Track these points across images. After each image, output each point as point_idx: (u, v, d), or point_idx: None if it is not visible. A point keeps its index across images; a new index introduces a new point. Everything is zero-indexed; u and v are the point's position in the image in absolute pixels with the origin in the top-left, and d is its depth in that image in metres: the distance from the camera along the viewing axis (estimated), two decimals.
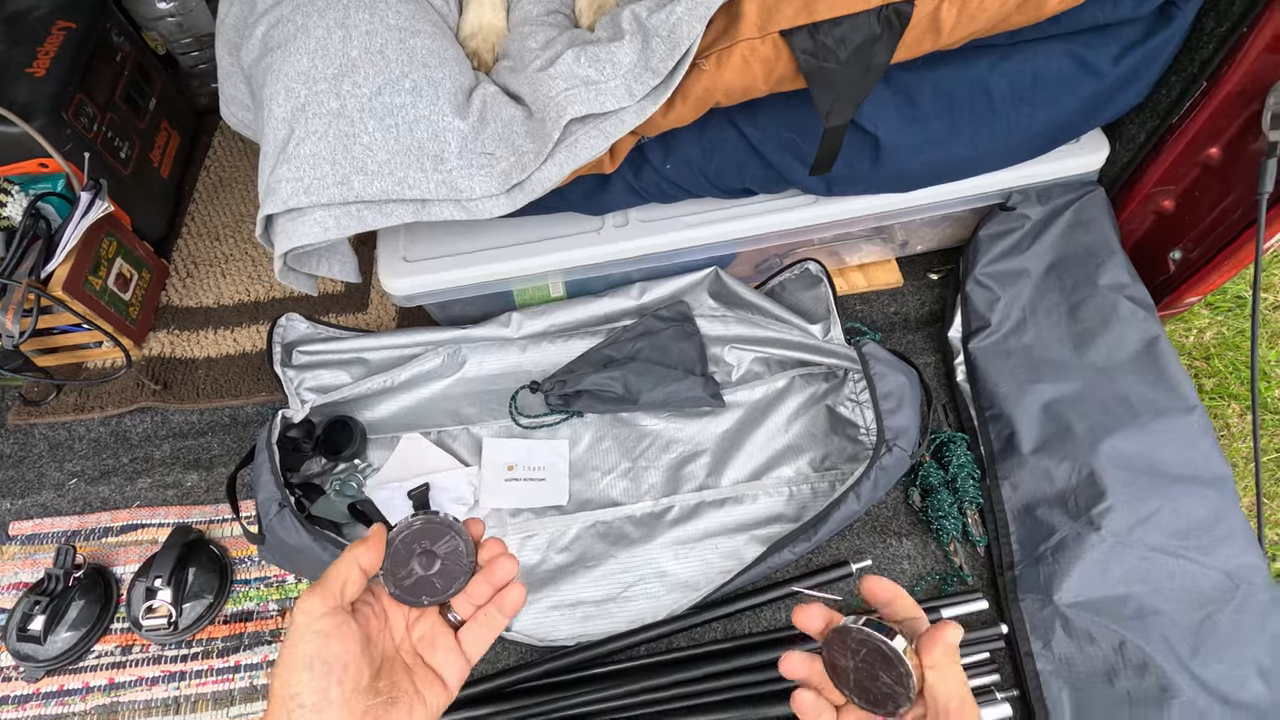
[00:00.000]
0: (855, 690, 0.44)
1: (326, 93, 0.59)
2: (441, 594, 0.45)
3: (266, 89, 0.60)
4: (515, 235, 0.81)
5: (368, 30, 0.59)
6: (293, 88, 0.59)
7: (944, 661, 0.42)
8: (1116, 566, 0.68)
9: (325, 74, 0.59)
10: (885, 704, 0.43)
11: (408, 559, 0.44)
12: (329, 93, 0.59)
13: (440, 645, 0.45)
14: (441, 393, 0.86)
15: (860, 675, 0.44)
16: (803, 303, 0.87)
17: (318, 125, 0.59)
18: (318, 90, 0.59)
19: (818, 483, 0.81)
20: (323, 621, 0.40)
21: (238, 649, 0.75)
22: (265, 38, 0.62)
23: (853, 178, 0.75)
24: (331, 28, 0.59)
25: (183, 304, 1.00)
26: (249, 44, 0.63)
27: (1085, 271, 0.82)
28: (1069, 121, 0.74)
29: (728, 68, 0.58)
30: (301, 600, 0.41)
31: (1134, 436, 0.73)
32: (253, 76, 0.63)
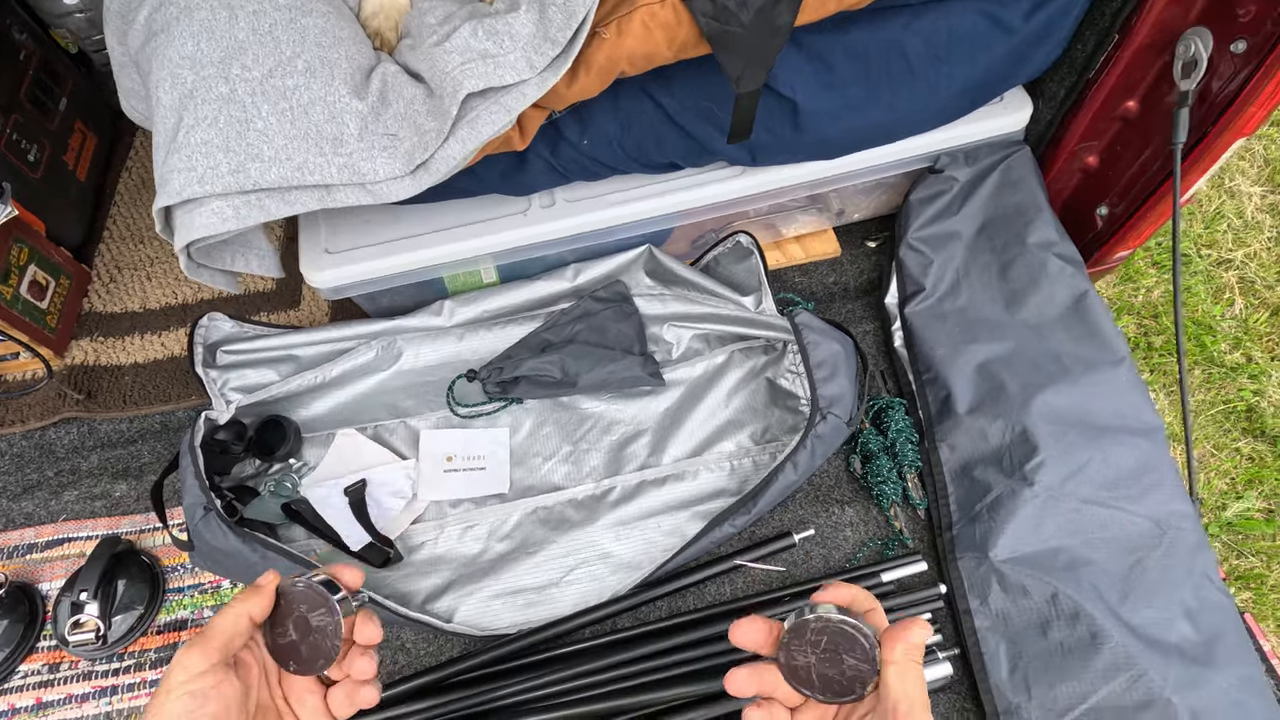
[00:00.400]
0: (820, 685, 0.41)
1: (215, 77, 0.57)
2: (301, 667, 0.43)
3: (153, 76, 0.58)
4: (440, 221, 0.79)
5: (255, 10, 0.57)
6: (179, 73, 0.57)
7: (904, 660, 0.40)
8: (1049, 520, 0.68)
9: (212, 57, 0.57)
10: (853, 687, 0.40)
11: (287, 618, 0.42)
12: (217, 77, 0.56)
13: (308, 703, 0.43)
14: (377, 386, 0.84)
15: (823, 666, 0.41)
16: (736, 276, 0.86)
17: (207, 111, 0.57)
18: (205, 75, 0.57)
19: (759, 455, 0.81)
20: (200, 681, 0.38)
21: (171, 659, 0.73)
22: (149, 22, 0.59)
23: (775, 145, 0.74)
24: (216, 8, 0.57)
25: (107, 310, 0.97)
26: (134, 29, 0.60)
27: (1014, 231, 0.82)
28: (986, 80, 0.74)
29: (629, 34, 0.56)
30: (181, 655, 0.39)
31: (1065, 391, 0.73)
32: (140, 64, 0.61)
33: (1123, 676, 0.60)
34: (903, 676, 0.39)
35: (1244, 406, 1.24)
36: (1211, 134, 0.67)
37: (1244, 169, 1.50)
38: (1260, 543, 1.14)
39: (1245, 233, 1.42)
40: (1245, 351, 1.30)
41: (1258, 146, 1.50)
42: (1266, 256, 1.39)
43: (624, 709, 0.66)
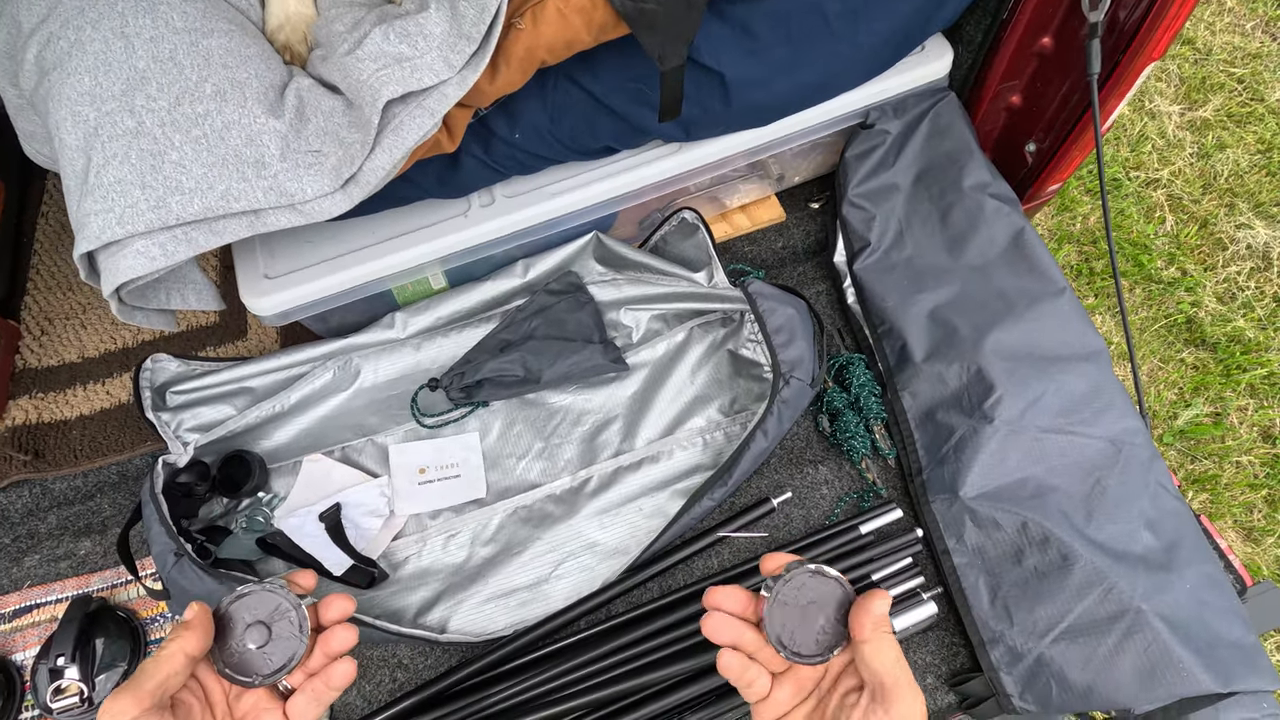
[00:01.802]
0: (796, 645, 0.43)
1: (119, 111, 0.54)
2: (275, 670, 0.41)
3: (52, 117, 0.55)
4: (380, 232, 0.77)
5: (151, 37, 0.55)
6: (79, 110, 0.54)
7: (875, 635, 0.41)
8: (1012, 453, 0.71)
9: (112, 90, 0.54)
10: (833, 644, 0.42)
11: (239, 633, 0.41)
12: (121, 110, 0.54)
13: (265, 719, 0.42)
14: (339, 408, 0.83)
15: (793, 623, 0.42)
16: (685, 252, 0.86)
17: (116, 148, 0.54)
18: (108, 110, 0.54)
19: (729, 427, 0.82)
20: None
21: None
22: (39, 60, 0.56)
23: (708, 119, 0.74)
24: (110, 39, 0.54)
25: (42, 364, 0.93)
26: (24, 70, 0.57)
27: (949, 177, 0.84)
28: (906, 29, 0.75)
29: (545, 23, 0.56)
30: (109, 703, 0.37)
31: (1013, 328, 0.76)
32: (36, 105, 0.58)
33: (1095, 592, 0.63)
34: (879, 651, 0.40)
35: (1183, 319, 1.29)
36: (1124, 62, 0.69)
37: (1161, 89, 1.55)
38: (1211, 445, 1.20)
39: (1169, 151, 1.47)
40: (1180, 266, 1.35)
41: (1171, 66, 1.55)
42: (1190, 172, 1.45)
43: (627, 693, 0.67)
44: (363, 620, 0.67)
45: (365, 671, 0.72)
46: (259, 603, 0.42)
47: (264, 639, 0.41)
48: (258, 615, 0.42)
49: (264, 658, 0.41)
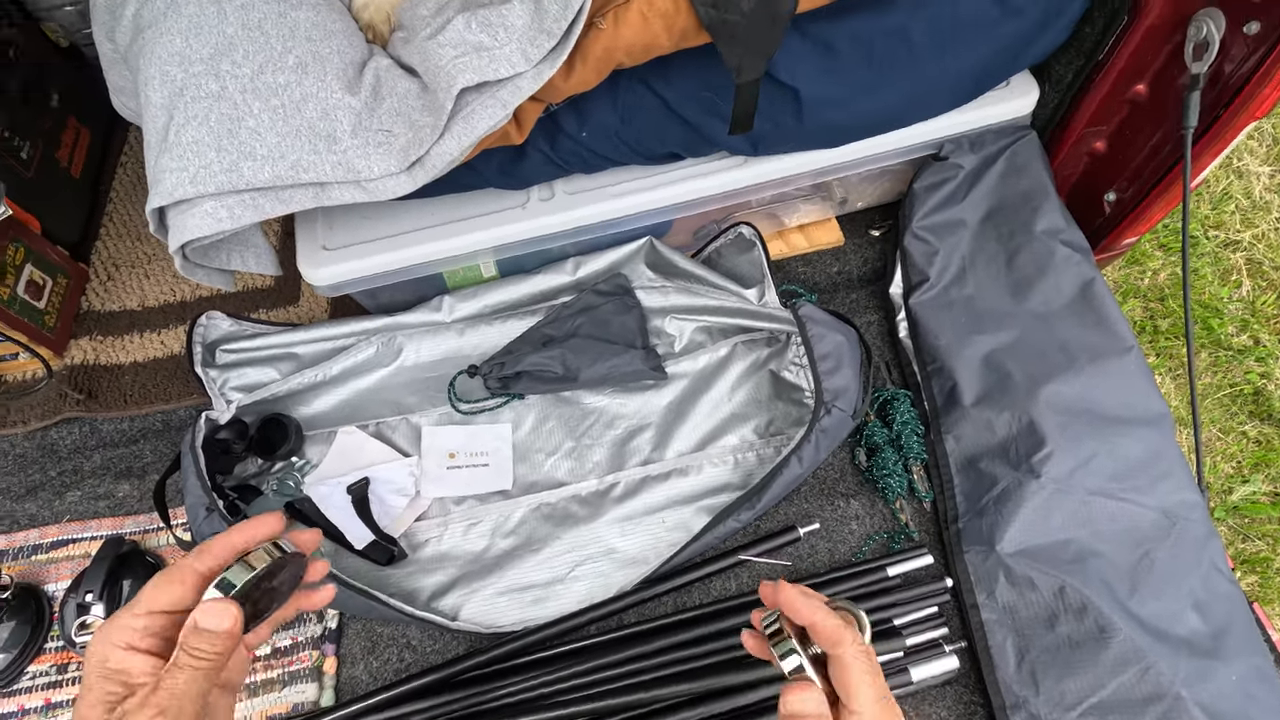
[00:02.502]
0: None
1: (204, 74, 0.55)
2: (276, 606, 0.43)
3: (142, 74, 0.57)
4: (438, 216, 0.78)
5: (243, 4, 0.56)
6: (168, 70, 0.56)
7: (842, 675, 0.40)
8: (1057, 512, 0.68)
9: (201, 54, 0.55)
10: None
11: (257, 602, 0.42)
12: (207, 74, 0.55)
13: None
14: (378, 383, 0.84)
15: None
16: (739, 268, 0.85)
17: (198, 110, 0.56)
18: (194, 72, 0.55)
19: (763, 449, 0.80)
20: None
21: None
22: (136, 17, 0.58)
23: (778, 135, 0.73)
24: (204, 3, 0.56)
25: (105, 308, 0.96)
26: (121, 26, 0.59)
27: (1021, 218, 0.81)
28: (993, 65, 0.72)
29: (626, 25, 0.55)
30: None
31: (1072, 381, 0.73)
32: (129, 60, 0.60)
33: (1131, 670, 0.60)
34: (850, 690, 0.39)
35: (1250, 389, 1.23)
36: (1224, 117, 0.66)
37: (1253, 148, 1.48)
38: (1266, 526, 1.13)
39: (1253, 213, 1.40)
40: (1252, 334, 1.29)
41: (1267, 125, 1.48)
42: (1275, 237, 1.38)
43: (631, 705, 0.66)
44: (376, 597, 0.68)
45: (374, 648, 0.73)
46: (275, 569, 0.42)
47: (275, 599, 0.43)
48: (271, 584, 0.42)
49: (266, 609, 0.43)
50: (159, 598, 0.38)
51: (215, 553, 0.41)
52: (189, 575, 0.39)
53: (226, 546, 0.42)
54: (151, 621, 0.38)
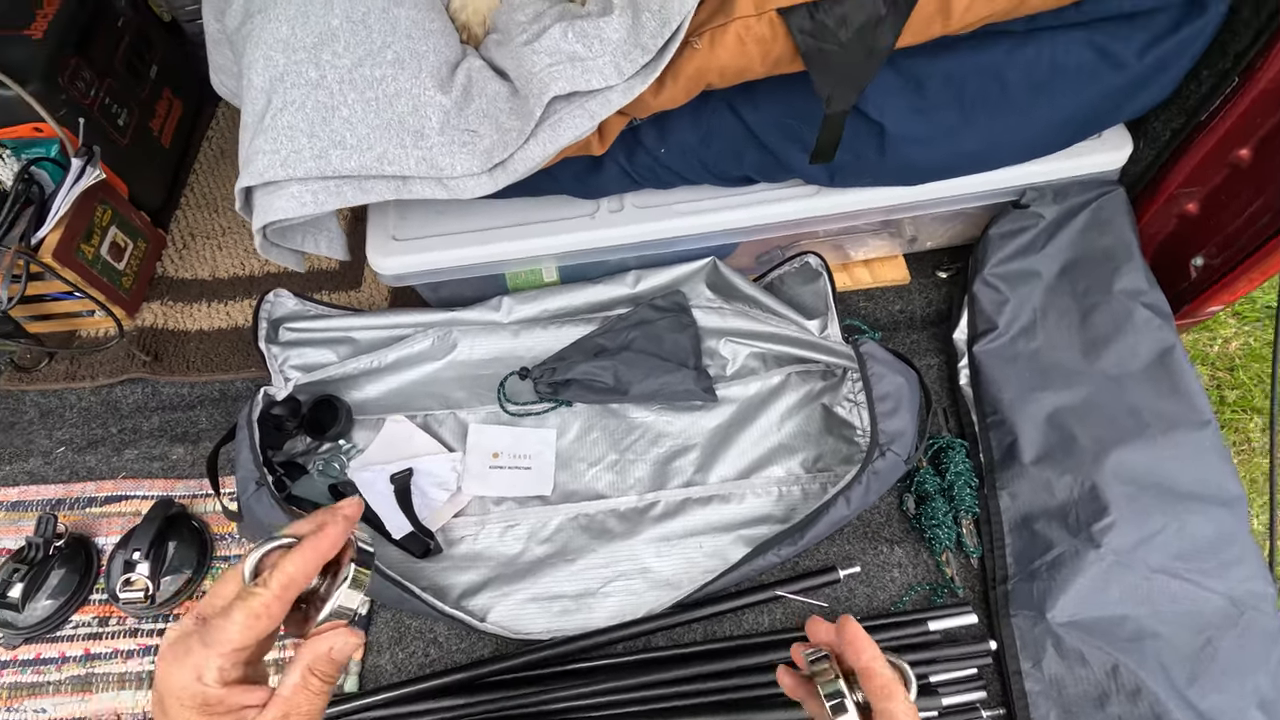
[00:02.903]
0: None
1: (306, 62, 0.57)
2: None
3: (246, 56, 0.59)
4: (507, 217, 0.79)
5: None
6: (271, 56, 0.57)
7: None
8: (1115, 586, 0.65)
9: (305, 42, 0.57)
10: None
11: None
12: (308, 62, 0.57)
13: None
14: (430, 375, 0.85)
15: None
16: (801, 297, 0.84)
17: (296, 95, 0.57)
18: (297, 59, 0.57)
19: (809, 484, 0.79)
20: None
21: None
22: (247, 2, 0.60)
23: (857, 168, 0.72)
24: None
25: (178, 275, 0.99)
26: (232, 8, 0.61)
27: (1100, 275, 0.78)
28: (1089, 116, 0.70)
29: (721, 47, 0.55)
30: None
31: (1142, 450, 0.69)
32: (235, 43, 0.62)
33: None
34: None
35: None
36: None
37: None
38: None
39: None
40: None
41: None
42: None
43: None
44: (409, 589, 0.68)
45: (401, 639, 0.73)
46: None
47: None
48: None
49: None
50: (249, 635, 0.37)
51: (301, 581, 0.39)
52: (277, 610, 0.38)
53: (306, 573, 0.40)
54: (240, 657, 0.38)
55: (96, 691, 0.71)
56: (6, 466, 0.85)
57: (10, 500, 0.83)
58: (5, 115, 0.83)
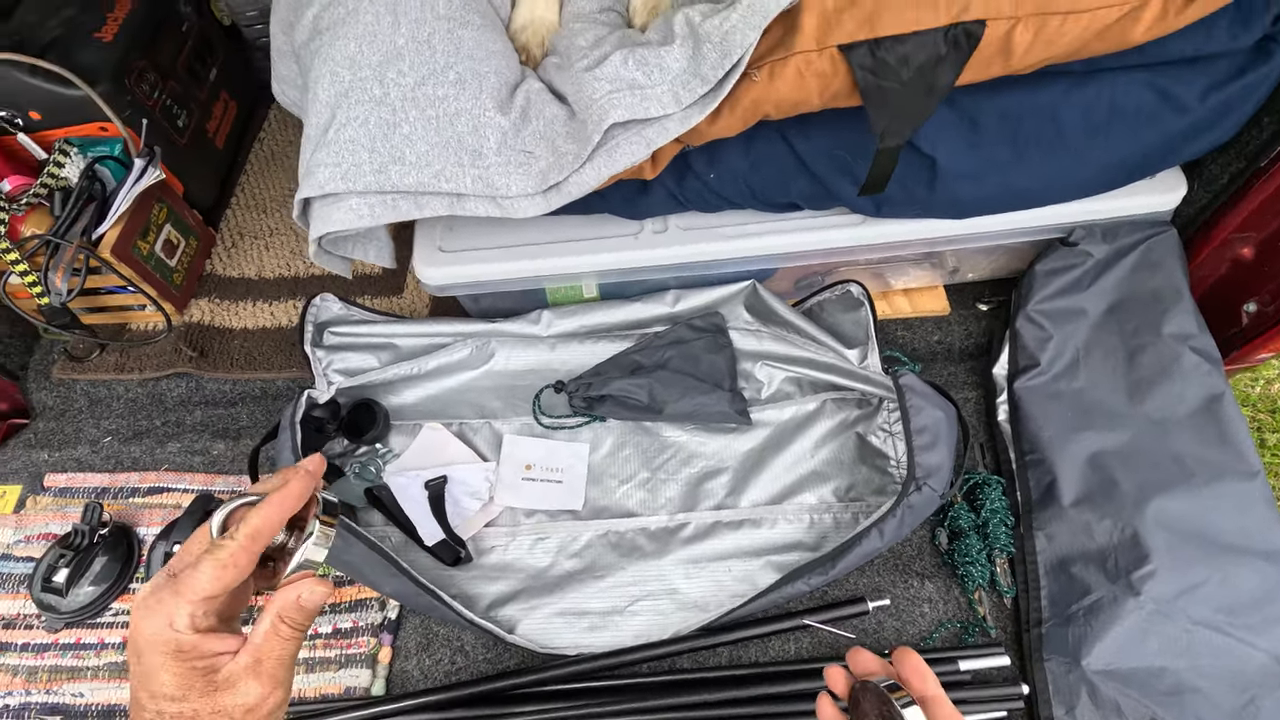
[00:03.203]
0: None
1: (371, 79, 0.58)
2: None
3: (313, 71, 0.60)
4: (552, 234, 0.79)
5: (416, 19, 0.59)
6: (338, 72, 0.59)
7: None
8: (1154, 637, 0.64)
9: (371, 60, 0.58)
10: None
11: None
12: (373, 79, 0.58)
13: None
14: (467, 384, 0.86)
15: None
16: (841, 325, 0.83)
17: (359, 112, 0.58)
18: (362, 76, 0.58)
19: (841, 513, 0.78)
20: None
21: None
22: (316, 19, 0.61)
23: (905, 200, 0.72)
24: (381, 14, 0.59)
25: (225, 274, 1.02)
26: (301, 24, 0.63)
27: (1148, 317, 0.77)
28: (1145, 158, 0.69)
29: (780, 80, 0.55)
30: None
31: (1186, 498, 0.68)
32: (301, 58, 0.63)
33: None
34: None
35: None
36: None
37: None
38: None
39: None
40: None
41: None
42: None
43: None
44: (440, 596, 0.69)
45: (428, 646, 0.74)
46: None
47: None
48: None
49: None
50: (217, 584, 0.39)
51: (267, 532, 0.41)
52: (244, 560, 0.40)
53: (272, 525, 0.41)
54: (210, 605, 0.39)
55: None
56: (56, 453, 0.88)
57: (59, 486, 0.85)
58: (74, 114, 0.85)
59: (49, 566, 0.76)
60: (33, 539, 0.81)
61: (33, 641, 0.75)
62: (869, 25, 0.52)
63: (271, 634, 0.40)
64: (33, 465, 0.87)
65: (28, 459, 0.88)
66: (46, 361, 0.96)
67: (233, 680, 0.39)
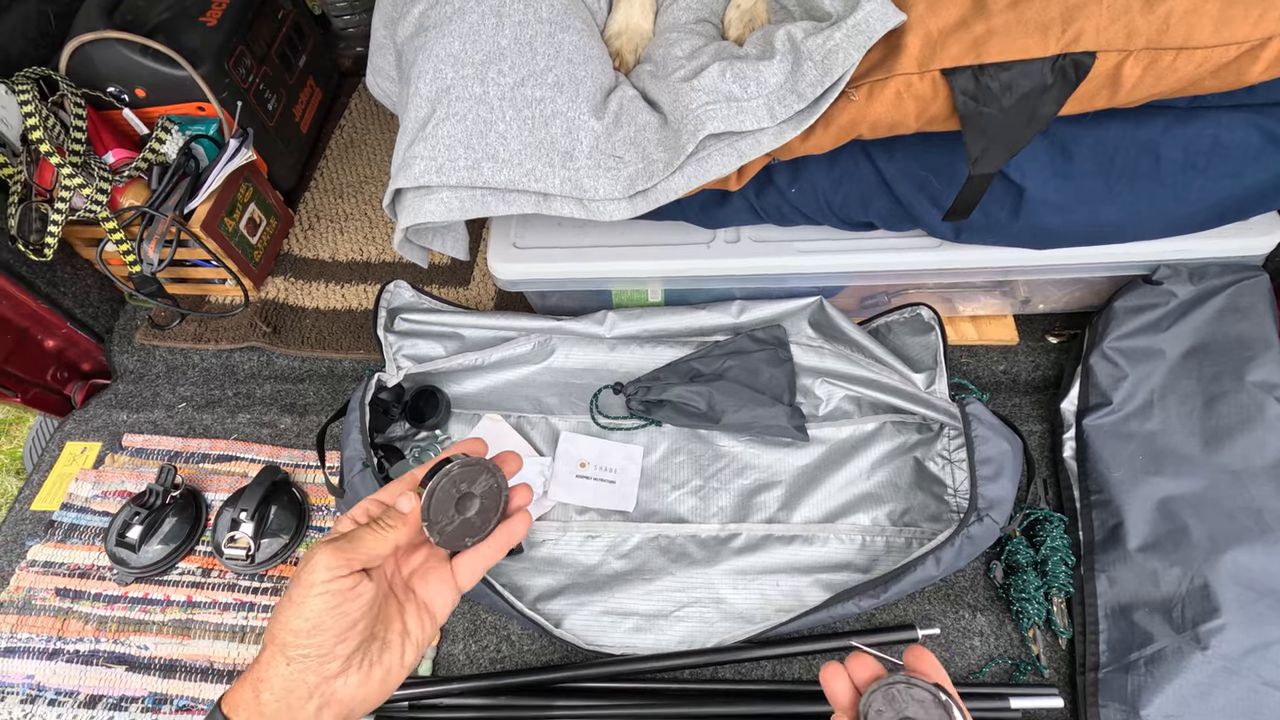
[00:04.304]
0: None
1: (472, 78, 0.60)
2: (481, 532, 0.47)
3: (415, 67, 0.62)
4: (625, 237, 0.80)
5: (520, 20, 0.60)
6: (441, 69, 0.61)
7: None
8: (1220, 694, 0.62)
9: (474, 59, 0.60)
10: None
11: (448, 505, 0.46)
12: (474, 78, 0.60)
13: (433, 577, 0.47)
14: (527, 378, 0.87)
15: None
16: (908, 348, 0.83)
17: (459, 108, 0.60)
18: (464, 74, 0.60)
19: (894, 537, 0.77)
20: (340, 583, 0.42)
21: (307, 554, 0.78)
22: (422, 16, 0.63)
23: (987, 227, 0.71)
24: (486, 14, 0.60)
25: (301, 254, 1.05)
26: (405, 20, 0.65)
27: (1231, 363, 0.74)
28: (1244, 200, 0.67)
29: (879, 101, 0.55)
30: (323, 556, 0.42)
31: (1262, 553, 0.66)
32: (403, 53, 0.65)
33: None
34: None
35: None
36: None
37: None
38: None
39: None
40: None
41: None
42: None
43: None
44: (491, 584, 0.70)
45: (476, 632, 0.76)
46: (467, 475, 0.47)
47: (470, 507, 0.47)
48: (465, 487, 0.47)
49: (471, 523, 0.47)
50: (385, 492, 0.48)
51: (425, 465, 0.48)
52: (409, 479, 0.48)
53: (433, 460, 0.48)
54: (371, 506, 0.47)
55: (194, 637, 0.76)
56: (135, 414, 0.92)
57: (136, 446, 0.89)
58: (177, 94, 0.90)
59: (124, 523, 0.80)
60: (109, 495, 0.85)
61: (104, 593, 0.79)
62: (975, 51, 0.52)
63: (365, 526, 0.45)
64: (112, 425, 0.92)
65: (108, 418, 0.92)
66: (130, 327, 1.00)
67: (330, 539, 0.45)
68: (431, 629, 0.47)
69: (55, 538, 0.83)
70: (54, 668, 0.75)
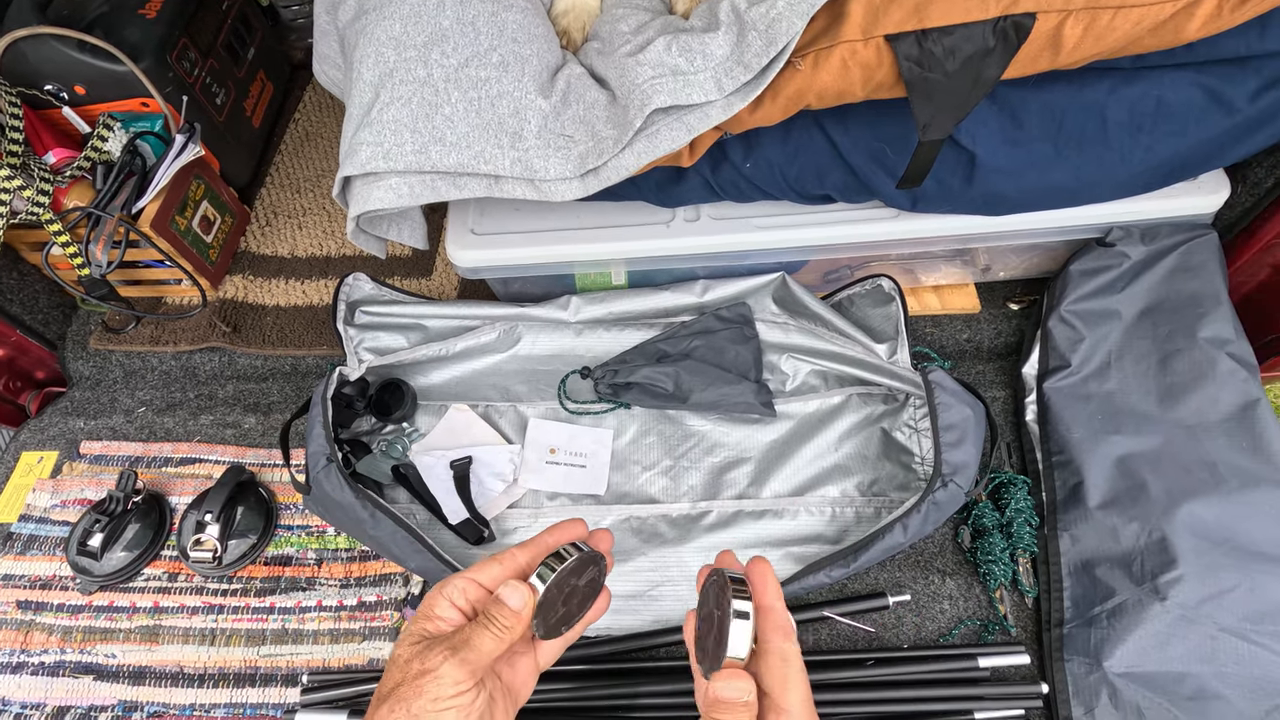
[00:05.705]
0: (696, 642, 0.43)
1: (415, 60, 0.59)
2: (576, 619, 0.45)
3: (357, 51, 0.61)
4: (584, 219, 0.80)
5: (461, 0, 0.59)
6: (383, 52, 0.59)
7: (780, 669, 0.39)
8: (1179, 642, 0.63)
9: (416, 41, 0.59)
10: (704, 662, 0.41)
11: (557, 601, 0.44)
12: (417, 60, 0.59)
13: (520, 664, 0.46)
14: (493, 367, 0.87)
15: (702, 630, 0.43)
16: (870, 320, 0.83)
17: (403, 92, 0.59)
18: (406, 57, 0.59)
19: (863, 507, 0.78)
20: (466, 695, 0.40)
21: (274, 591, 0.77)
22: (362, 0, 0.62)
23: (941, 195, 0.71)
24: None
25: (259, 251, 1.03)
26: (346, 3, 0.64)
27: (1184, 321, 0.76)
28: (1189, 158, 0.68)
29: (824, 69, 0.55)
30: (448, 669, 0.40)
31: (1216, 505, 0.68)
32: (345, 37, 0.64)
33: None
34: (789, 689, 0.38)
35: None
36: None
37: None
38: None
39: None
40: None
41: None
42: None
43: None
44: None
45: None
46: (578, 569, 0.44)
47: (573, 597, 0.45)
48: (575, 581, 0.44)
49: (570, 614, 0.45)
50: (483, 573, 0.44)
51: (534, 550, 0.46)
52: (510, 562, 0.45)
53: (543, 545, 0.46)
54: (469, 588, 0.43)
55: (163, 643, 0.75)
56: (92, 421, 0.90)
57: (94, 453, 0.87)
58: (118, 90, 0.87)
59: (84, 530, 0.78)
60: (69, 504, 0.84)
61: (68, 603, 0.77)
62: (917, 16, 0.52)
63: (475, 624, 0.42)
64: (69, 432, 0.90)
65: (64, 426, 0.90)
66: (84, 332, 0.98)
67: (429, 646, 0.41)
68: (514, 713, 0.45)
69: (14, 550, 0.81)
70: (19, 681, 0.73)
